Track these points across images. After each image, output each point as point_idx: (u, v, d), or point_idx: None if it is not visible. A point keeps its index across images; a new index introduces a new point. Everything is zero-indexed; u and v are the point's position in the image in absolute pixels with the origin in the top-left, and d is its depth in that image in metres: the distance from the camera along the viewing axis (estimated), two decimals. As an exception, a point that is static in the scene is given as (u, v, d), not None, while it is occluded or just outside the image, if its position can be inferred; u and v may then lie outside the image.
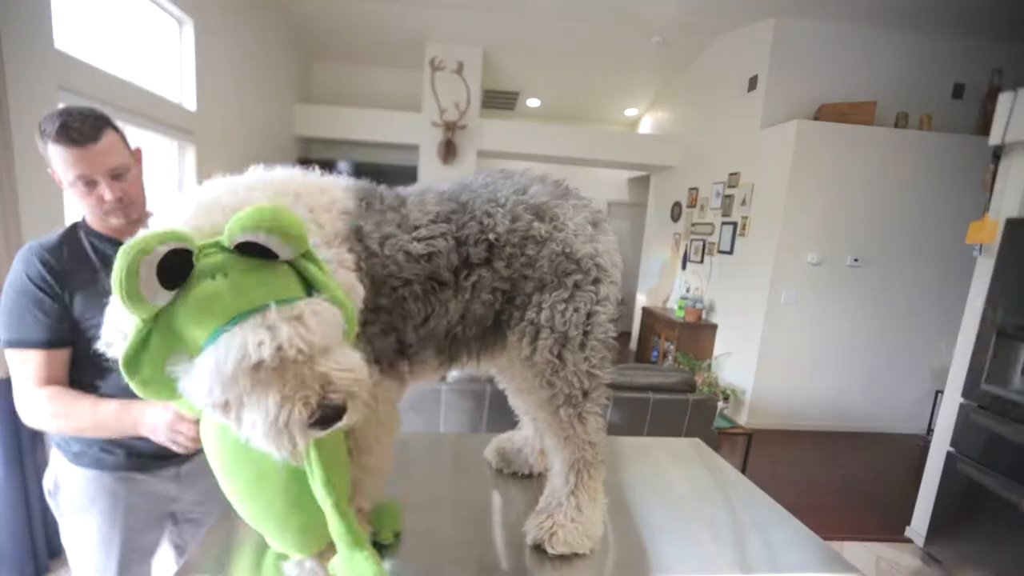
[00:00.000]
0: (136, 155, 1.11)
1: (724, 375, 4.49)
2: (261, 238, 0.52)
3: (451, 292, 0.71)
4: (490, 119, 5.60)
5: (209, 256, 0.52)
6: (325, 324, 0.53)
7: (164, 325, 0.51)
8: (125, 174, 1.04)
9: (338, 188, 0.70)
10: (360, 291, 0.63)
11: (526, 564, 0.74)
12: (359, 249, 0.65)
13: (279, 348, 0.48)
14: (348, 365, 0.54)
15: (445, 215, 0.71)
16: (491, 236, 0.71)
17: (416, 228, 0.69)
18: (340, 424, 0.53)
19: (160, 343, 0.51)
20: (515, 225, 0.73)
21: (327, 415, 0.51)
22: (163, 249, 0.47)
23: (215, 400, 0.50)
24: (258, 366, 0.48)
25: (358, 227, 0.66)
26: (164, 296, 0.49)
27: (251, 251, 0.52)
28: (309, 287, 0.56)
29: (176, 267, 0.49)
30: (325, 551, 0.65)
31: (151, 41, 3.07)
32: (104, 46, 2.60)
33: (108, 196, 1.02)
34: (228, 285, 0.51)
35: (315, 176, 0.70)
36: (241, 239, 0.52)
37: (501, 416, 2.07)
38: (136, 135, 2.90)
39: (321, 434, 0.53)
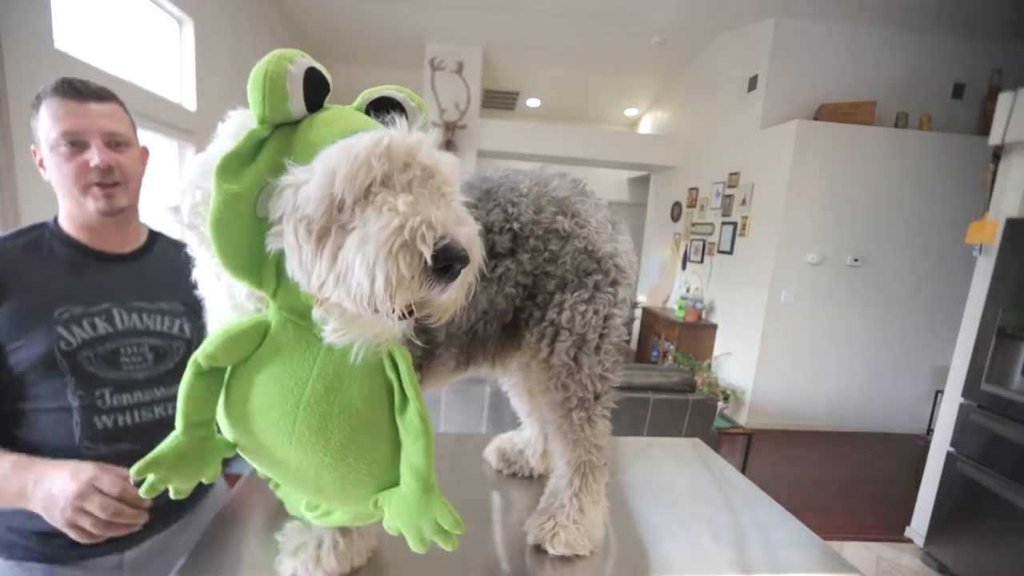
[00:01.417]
0: (142, 150, 0.99)
1: (724, 375, 4.49)
2: (399, 96, 0.54)
3: (481, 283, 0.69)
4: (490, 119, 5.60)
5: (344, 107, 0.53)
6: (457, 174, 0.51)
7: (281, 142, 0.48)
8: (123, 146, 0.91)
9: None
10: None
11: (526, 564, 0.74)
12: None
13: (420, 149, 0.46)
14: (475, 235, 0.49)
15: (472, 202, 0.69)
16: (515, 225, 0.70)
17: None
18: (455, 285, 0.45)
19: (271, 159, 0.48)
20: (539, 216, 0.71)
21: (455, 249, 0.43)
22: (313, 63, 0.48)
23: (332, 196, 0.43)
24: (394, 159, 0.44)
25: None
26: (299, 104, 0.48)
27: (378, 119, 0.52)
28: None
29: (319, 93, 0.49)
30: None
31: (151, 41, 3.07)
32: (104, 46, 2.60)
33: (96, 160, 0.85)
34: (354, 115, 0.51)
35: None
36: (378, 95, 0.53)
37: (501, 416, 2.07)
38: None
39: (430, 288, 0.44)
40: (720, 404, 3.98)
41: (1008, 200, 2.34)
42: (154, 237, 1.03)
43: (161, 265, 1.00)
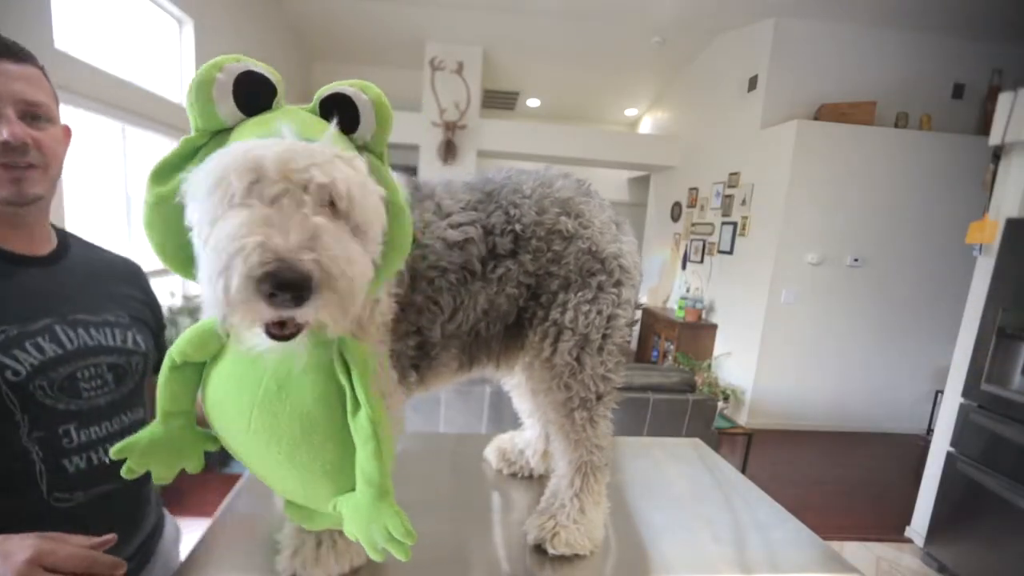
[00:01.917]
0: (64, 129, 0.79)
1: (724, 375, 4.49)
2: (350, 91, 0.50)
3: (480, 284, 0.69)
4: (490, 119, 5.60)
5: (292, 108, 0.51)
6: (365, 192, 0.47)
7: (215, 148, 0.48)
8: (43, 121, 0.73)
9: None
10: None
11: (526, 564, 0.74)
12: None
13: (289, 167, 0.43)
14: (353, 254, 0.45)
15: (473, 203, 0.71)
16: (517, 227, 0.70)
17: (449, 215, 0.68)
18: (303, 312, 0.42)
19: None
20: (542, 218, 0.72)
21: (280, 277, 0.40)
22: (253, 66, 0.47)
23: (203, 211, 0.44)
24: (260, 172, 0.43)
25: None
26: (230, 110, 0.47)
27: (332, 118, 0.50)
28: None
29: (259, 96, 0.48)
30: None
31: (151, 41, 3.07)
32: (104, 46, 2.60)
33: (5, 134, 0.67)
34: (292, 120, 0.48)
35: None
36: (328, 92, 0.51)
37: (501, 416, 2.07)
38: (137, 135, 2.90)
39: (268, 312, 0.42)
40: (720, 404, 3.97)
41: (1008, 200, 2.34)
42: (64, 236, 0.84)
43: (86, 270, 0.83)
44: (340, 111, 0.51)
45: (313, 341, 0.48)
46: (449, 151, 5.30)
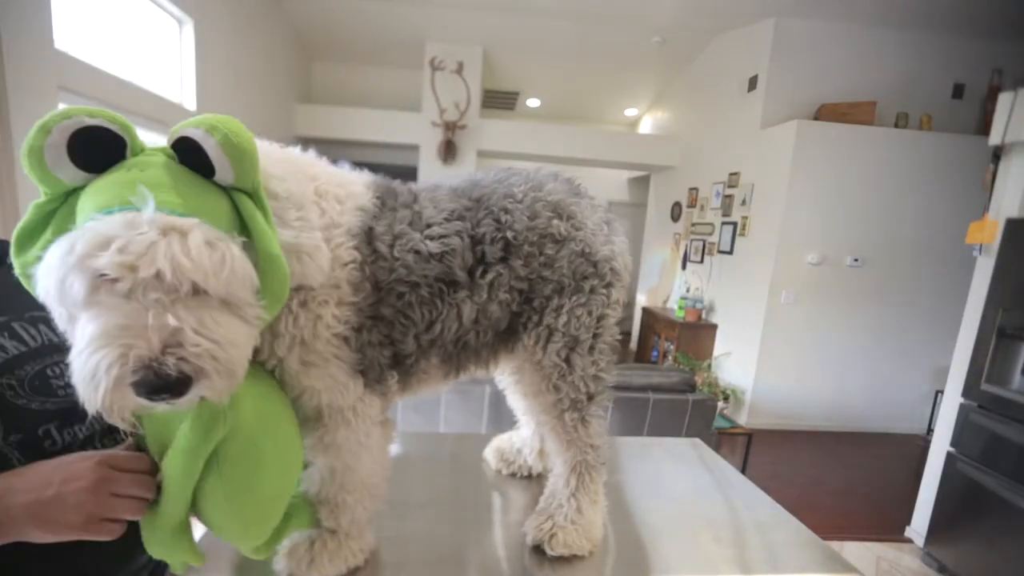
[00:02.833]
0: None
1: (724, 375, 4.49)
2: (198, 134, 0.44)
3: (465, 293, 0.67)
4: (490, 119, 5.60)
5: (148, 155, 0.46)
6: (220, 264, 0.43)
7: (70, 208, 0.45)
8: None
9: (359, 184, 0.67)
10: (325, 254, 0.57)
11: (526, 565, 0.73)
12: (367, 252, 0.62)
13: (128, 262, 0.39)
14: (222, 335, 0.43)
15: (459, 212, 0.68)
16: (509, 234, 0.69)
17: (429, 226, 0.66)
18: (182, 401, 0.42)
19: (60, 229, 0.44)
20: (534, 223, 0.70)
21: (153, 383, 0.40)
22: (86, 119, 0.42)
23: (53, 305, 0.42)
24: (100, 275, 0.40)
25: (370, 228, 0.63)
26: (72, 173, 0.43)
27: (191, 161, 0.46)
28: (245, 230, 0.48)
29: (103, 151, 0.44)
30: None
31: (151, 41, 3.07)
32: (104, 46, 2.60)
33: None
34: (139, 177, 0.43)
35: (341, 170, 0.68)
36: (175, 137, 0.45)
37: (501, 416, 2.06)
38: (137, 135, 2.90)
39: (152, 406, 0.42)
40: (720, 404, 3.97)
41: (1008, 200, 2.34)
42: (2, 244, 0.84)
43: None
44: (196, 154, 0.46)
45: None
46: (449, 151, 5.30)
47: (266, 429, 0.56)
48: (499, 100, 6.66)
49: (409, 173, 5.71)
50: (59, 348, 0.70)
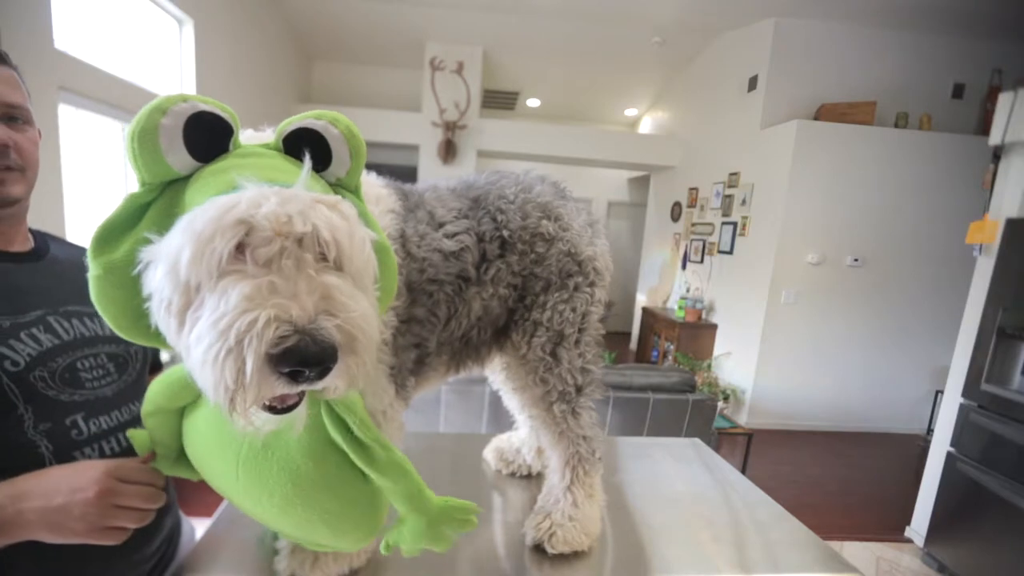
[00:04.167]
0: (37, 130, 0.78)
1: (724, 375, 4.49)
2: (318, 125, 0.44)
3: (475, 289, 0.70)
4: (490, 119, 5.60)
5: (251, 148, 0.45)
6: (362, 242, 0.41)
7: (170, 200, 0.42)
8: (22, 124, 0.73)
9: (379, 186, 0.66)
10: (394, 257, 0.54)
11: (526, 564, 0.74)
12: (402, 254, 0.61)
13: (283, 215, 0.37)
14: (366, 309, 0.41)
15: (464, 211, 0.71)
16: (505, 232, 0.72)
17: (443, 225, 0.68)
18: (324, 383, 0.38)
19: (156, 221, 0.42)
20: (525, 223, 0.73)
21: (306, 352, 0.35)
22: (201, 105, 0.41)
23: (178, 280, 0.37)
24: (246, 234, 0.37)
25: (402, 230, 0.63)
26: (182, 159, 0.41)
27: (299, 155, 0.44)
28: None
29: (209, 140, 0.42)
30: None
31: (151, 41, 3.07)
32: (104, 46, 2.60)
33: None
34: (260, 163, 0.42)
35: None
36: (295, 127, 0.45)
37: (501, 416, 2.06)
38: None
39: (286, 388, 0.37)
40: (720, 404, 3.97)
41: (1008, 200, 2.34)
42: (42, 236, 0.83)
43: (70, 263, 0.79)
44: (308, 146, 0.45)
45: (309, 401, 0.44)
46: (449, 151, 5.30)
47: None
48: (499, 100, 6.66)
49: (409, 173, 5.71)
50: (90, 341, 0.74)
